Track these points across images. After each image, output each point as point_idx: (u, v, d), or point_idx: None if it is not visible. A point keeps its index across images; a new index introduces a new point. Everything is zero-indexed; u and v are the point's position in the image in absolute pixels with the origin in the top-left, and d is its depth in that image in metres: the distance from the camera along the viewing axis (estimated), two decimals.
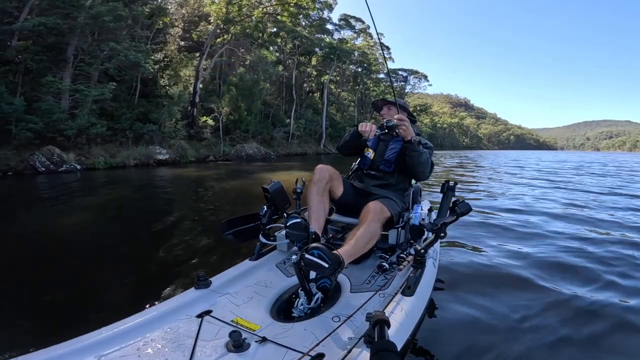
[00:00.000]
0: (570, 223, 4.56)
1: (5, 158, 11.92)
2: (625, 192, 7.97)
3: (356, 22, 38.20)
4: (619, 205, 6.07)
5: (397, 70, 46.49)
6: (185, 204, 6.35)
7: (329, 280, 1.53)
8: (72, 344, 1.20)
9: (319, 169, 2.12)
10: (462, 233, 3.82)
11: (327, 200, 2.04)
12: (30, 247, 3.54)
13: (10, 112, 11.43)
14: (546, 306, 2.18)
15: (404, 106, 2.35)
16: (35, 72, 13.61)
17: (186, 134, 18.87)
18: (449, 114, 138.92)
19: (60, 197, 7.06)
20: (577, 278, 2.66)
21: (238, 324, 1.41)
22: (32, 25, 11.33)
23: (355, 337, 1.29)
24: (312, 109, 35.13)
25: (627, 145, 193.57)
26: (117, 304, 2.09)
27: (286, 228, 1.71)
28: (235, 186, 9.06)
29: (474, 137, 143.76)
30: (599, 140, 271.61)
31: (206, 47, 20.37)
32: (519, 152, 72.68)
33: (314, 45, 31.65)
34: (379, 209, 1.92)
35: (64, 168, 11.78)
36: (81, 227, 4.47)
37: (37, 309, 2.14)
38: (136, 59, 13.02)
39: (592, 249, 3.37)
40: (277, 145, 26.08)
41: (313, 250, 1.43)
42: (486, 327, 1.91)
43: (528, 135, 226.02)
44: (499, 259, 3.04)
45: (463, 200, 1.73)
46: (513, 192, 7.74)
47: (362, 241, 1.73)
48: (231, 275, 1.81)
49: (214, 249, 3.22)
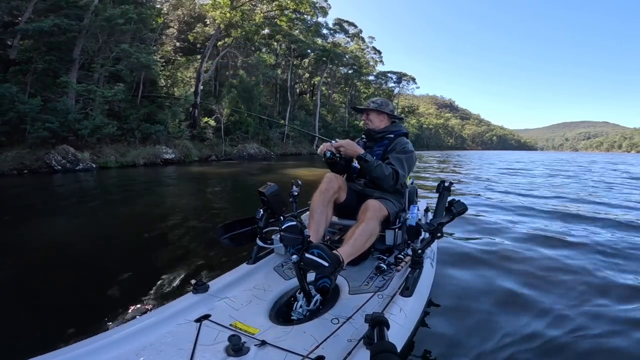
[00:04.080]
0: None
1: (20, 157, 12.18)
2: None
3: (349, 26, 39.23)
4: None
5: (387, 73, 47.65)
6: (193, 205, 6.20)
7: (329, 280, 1.50)
8: (71, 350, 1.21)
9: (329, 178, 2.06)
10: (460, 232, 3.83)
11: (330, 211, 2.00)
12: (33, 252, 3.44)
13: (27, 112, 11.73)
14: (547, 305, 2.17)
15: (378, 109, 2.25)
16: (42, 72, 13.89)
17: (189, 134, 19.35)
18: (434, 115, 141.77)
19: (85, 196, 7.25)
20: (579, 280, 2.60)
21: (237, 328, 1.40)
22: (47, 27, 11.60)
23: (354, 338, 1.29)
24: (304, 110, 35.91)
25: (604, 145, 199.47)
26: (114, 309, 2.05)
27: (281, 231, 1.65)
28: (249, 185, 9.48)
29: (459, 138, 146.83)
30: (578, 141, 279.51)
31: (208, 49, 20.85)
32: (500, 153, 74.24)
33: (308, 48, 32.41)
34: (378, 206, 1.91)
35: (81, 167, 12.15)
36: (98, 228, 4.47)
37: (34, 314, 2.12)
38: (147, 61, 13.45)
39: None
40: (273, 146, 26.65)
41: (313, 250, 1.45)
42: (486, 326, 1.91)
43: (510, 136, 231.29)
44: (499, 258, 3.06)
45: (459, 200, 1.76)
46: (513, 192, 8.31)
47: (360, 240, 1.73)
48: (229, 279, 1.81)
49: (211, 253, 3.18)
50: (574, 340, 1.80)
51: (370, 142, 2.31)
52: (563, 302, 2.23)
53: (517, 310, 2.11)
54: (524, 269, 2.82)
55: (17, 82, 12.87)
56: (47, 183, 9.40)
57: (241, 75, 23.18)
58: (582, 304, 2.22)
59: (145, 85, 17.28)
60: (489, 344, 1.74)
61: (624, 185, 9.47)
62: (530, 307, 2.16)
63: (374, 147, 2.24)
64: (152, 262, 3.03)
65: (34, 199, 6.93)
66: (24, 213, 5.40)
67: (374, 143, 2.28)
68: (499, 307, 2.14)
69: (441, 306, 2.10)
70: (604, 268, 2.87)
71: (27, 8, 13.51)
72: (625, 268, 2.89)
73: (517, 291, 2.38)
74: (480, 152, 74.24)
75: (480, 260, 3.00)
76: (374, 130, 2.28)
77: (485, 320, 1.97)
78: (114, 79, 16.01)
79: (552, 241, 3.61)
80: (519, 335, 1.83)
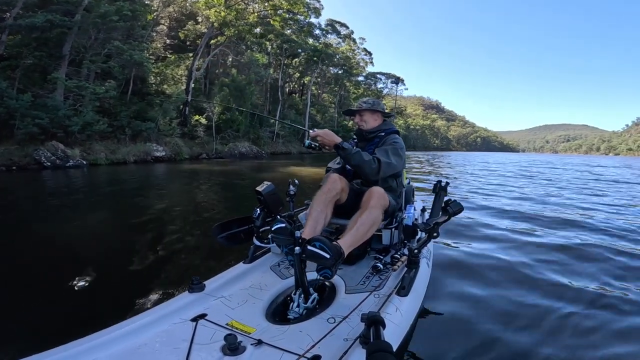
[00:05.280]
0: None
1: (8, 153, 12.00)
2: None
3: (341, 27, 39.63)
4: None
5: (377, 74, 48.21)
6: (183, 203, 6.19)
7: (330, 271, 1.52)
8: (66, 348, 1.20)
9: (332, 179, 2.02)
10: (455, 231, 3.90)
11: (330, 212, 1.96)
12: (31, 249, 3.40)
13: (17, 108, 11.57)
14: (542, 303, 2.20)
15: (372, 107, 2.28)
16: (29, 67, 13.67)
17: (180, 132, 19.30)
18: (421, 116, 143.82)
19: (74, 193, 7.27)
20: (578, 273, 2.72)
21: (233, 327, 1.40)
22: (40, 22, 11.47)
23: (351, 338, 1.30)
24: (294, 110, 36.10)
25: (583, 148, 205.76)
26: (110, 308, 2.05)
27: (271, 232, 1.66)
28: (240, 184, 9.56)
29: (444, 139, 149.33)
30: (558, 143, 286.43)
31: (200, 47, 20.79)
32: (483, 154, 75.24)
33: (300, 48, 32.60)
34: (382, 193, 1.89)
35: (71, 163, 12.05)
36: (91, 228, 4.37)
37: (25, 315, 2.07)
38: (140, 58, 13.41)
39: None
40: (263, 145, 26.74)
41: (315, 242, 1.47)
42: (482, 325, 1.91)
43: (493, 138, 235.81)
44: (494, 257, 3.10)
45: (455, 200, 1.75)
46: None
47: (362, 229, 1.72)
48: (225, 278, 1.80)
49: (208, 252, 3.16)
50: (568, 344, 1.79)
51: (361, 142, 2.32)
52: (559, 304, 2.21)
53: (515, 309, 2.12)
54: (525, 268, 2.84)
55: (5, 78, 12.67)
56: (37, 179, 9.30)
57: (233, 74, 23.19)
58: (579, 307, 2.19)
59: (135, 82, 17.17)
60: (484, 344, 1.75)
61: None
62: (529, 307, 2.16)
63: (366, 147, 2.23)
64: (148, 261, 3.00)
65: (23, 196, 6.86)
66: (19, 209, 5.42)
67: (366, 143, 2.28)
68: (496, 306, 2.15)
69: (437, 306, 2.10)
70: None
71: (17, 4, 13.28)
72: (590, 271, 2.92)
73: (516, 291, 2.39)
74: (464, 154, 75.55)
75: (476, 261, 3.00)
76: (366, 130, 2.28)
77: (481, 320, 1.97)
78: (104, 76, 15.87)
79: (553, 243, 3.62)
80: (516, 334, 1.84)
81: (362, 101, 2.32)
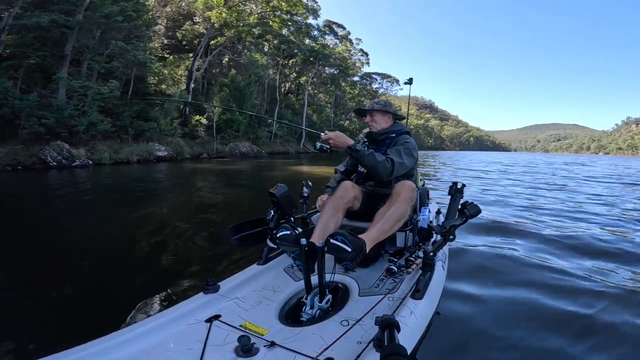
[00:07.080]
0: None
1: (13, 153, 12.01)
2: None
3: (338, 28, 39.90)
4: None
5: (372, 74, 48.55)
6: (198, 203, 6.12)
7: (351, 263, 1.53)
8: (82, 349, 1.21)
9: (345, 187, 2.03)
10: (471, 234, 3.76)
11: (341, 217, 1.96)
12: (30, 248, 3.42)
13: (22, 108, 11.60)
14: (562, 307, 2.12)
15: (384, 109, 2.28)
16: (30, 67, 13.66)
17: (181, 132, 19.42)
18: (415, 116, 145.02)
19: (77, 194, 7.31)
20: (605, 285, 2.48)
21: (246, 328, 1.41)
22: (45, 22, 11.53)
23: (364, 341, 1.28)
24: (291, 110, 36.30)
25: (573, 147, 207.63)
26: (125, 309, 2.06)
27: (276, 239, 1.67)
28: (245, 186, 9.59)
29: (438, 139, 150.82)
30: (548, 143, 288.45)
31: (200, 47, 20.90)
32: (475, 153, 74.08)
33: (297, 48, 32.81)
34: (413, 187, 1.89)
35: (77, 163, 12.12)
36: (101, 229, 4.38)
37: (40, 316, 2.07)
38: (144, 58, 13.52)
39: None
40: (262, 144, 26.90)
41: (337, 236, 1.49)
42: (498, 330, 1.86)
43: (486, 137, 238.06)
44: (512, 260, 2.99)
45: (472, 202, 1.71)
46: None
47: (389, 223, 1.73)
48: (239, 279, 1.82)
49: (222, 253, 3.16)
50: (596, 347, 1.73)
51: (372, 144, 2.31)
52: (584, 310, 2.09)
53: (533, 313, 2.07)
54: (540, 274, 2.68)
55: (8, 78, 12.66)
56: (45, 179, 9.36)
57: (232, 74, 23.34)
58: (600, 311, 2.09)
59: (135, 82, 17.24)
60: (500, 350, 1.70)
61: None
62: (548, 312, 2.09)
63: (377, 149, 2.20)
64: (163, 262, 3.03)
65: (32, 195, 6.94)
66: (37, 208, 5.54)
67: (376, 145, 2.27)
68: (513, 311, 2.09)
69: (453, 310, 2.04)
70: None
71: (16, 4, 13.26)
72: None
73: (534, 295, 2.30)
74: (456, 152, 75.58)
75: (494, 262, 2.90)
76: (376, 132, 2.28)
77: (498, 324, 1.92)
78: (105, 76, 15.91)
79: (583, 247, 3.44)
80: (534, 339, 1.78)
81: (374, 102, 2.34)
